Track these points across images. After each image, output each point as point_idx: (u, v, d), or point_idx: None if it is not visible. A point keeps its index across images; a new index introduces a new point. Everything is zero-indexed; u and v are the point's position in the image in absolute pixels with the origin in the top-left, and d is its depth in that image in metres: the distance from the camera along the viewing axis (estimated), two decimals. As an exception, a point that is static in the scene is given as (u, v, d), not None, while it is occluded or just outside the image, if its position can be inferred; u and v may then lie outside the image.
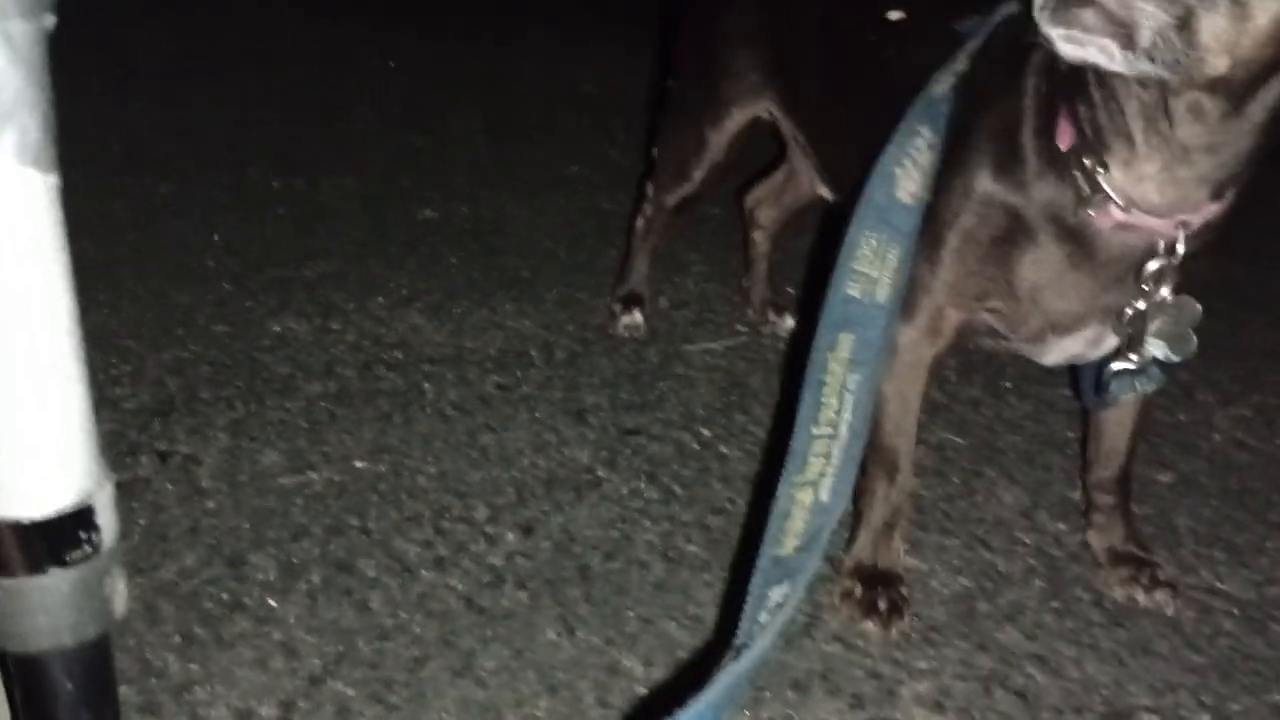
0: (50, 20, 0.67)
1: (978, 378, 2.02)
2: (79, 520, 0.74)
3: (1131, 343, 1.24)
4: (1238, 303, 2.34)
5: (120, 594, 0.77)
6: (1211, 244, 1.22)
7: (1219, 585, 1.54)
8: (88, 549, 0.74)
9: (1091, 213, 1.19)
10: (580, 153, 2.94)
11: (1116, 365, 1.26)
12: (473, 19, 4.05)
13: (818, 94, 1.73)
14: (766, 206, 2.16)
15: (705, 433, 1.81)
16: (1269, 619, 1.48)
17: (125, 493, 1.56)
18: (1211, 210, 1.15)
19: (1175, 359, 1.24)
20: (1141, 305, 1.21)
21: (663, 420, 1.84)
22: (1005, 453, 1.81)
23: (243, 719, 1.22)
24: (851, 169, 1.63)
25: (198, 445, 1.69)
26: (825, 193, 1.92)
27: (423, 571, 1.46)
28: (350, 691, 1.26)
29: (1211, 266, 1.25)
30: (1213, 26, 0.98)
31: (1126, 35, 0.98)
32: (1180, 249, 1.17)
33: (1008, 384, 2.02)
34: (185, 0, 4.06)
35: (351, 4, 4.30)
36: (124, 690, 1.21)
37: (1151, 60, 0.99)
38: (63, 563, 0.73)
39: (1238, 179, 1.15)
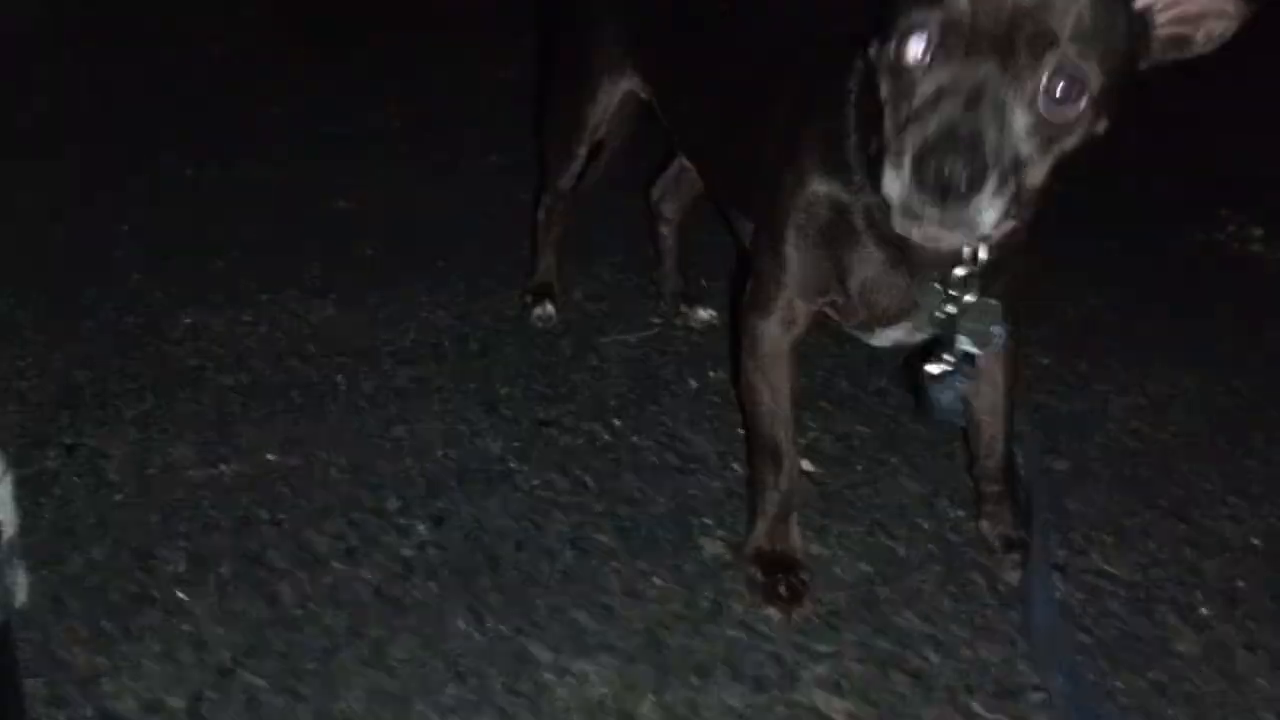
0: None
1: (884, 368, 2.07)
2: (-22, 515, 0.74)
3: (944, 342, 1.32)
4: (1132, 295, 2.43)
5: (21, 585, 0.78)
6: (1017, 251, 1.31)
7: (1106, 567, 1.60)
8: (-13, 543, 0.75)
9: None
10: (496, 142, 2.94)
11: (932, 368, 1.33)
12: (390, 6, 4.02)
13: (674, 67, 1.80)
14: (668, 200, 2.20)
15: (617, 423, 1.84)
16: (1153, 600, 1.55)
17: (32, 486, 1.55)
18: (1007, 227, 1.21)
19: (978, 353, 1.33)
20: (951, 309, 1.29)
21: (575, 412, 1.86)
22: (909, 442, 1.86)
23: (150, 710, 1.22)
24: (706, 140, 1.74)
25: (106, 438, 1.68)
26: (686, 162, 2.01)
27: (333, 563, 1.47)
28: (260, 682, 1.27)
29: (1020, 271, 1.37)
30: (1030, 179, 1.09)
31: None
32: (982, 256, 1.25)
33: (912, 374, 2.07)
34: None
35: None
36: (30, 683, 1.21)
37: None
38: (-39, 556, 0.74)
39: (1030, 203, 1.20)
